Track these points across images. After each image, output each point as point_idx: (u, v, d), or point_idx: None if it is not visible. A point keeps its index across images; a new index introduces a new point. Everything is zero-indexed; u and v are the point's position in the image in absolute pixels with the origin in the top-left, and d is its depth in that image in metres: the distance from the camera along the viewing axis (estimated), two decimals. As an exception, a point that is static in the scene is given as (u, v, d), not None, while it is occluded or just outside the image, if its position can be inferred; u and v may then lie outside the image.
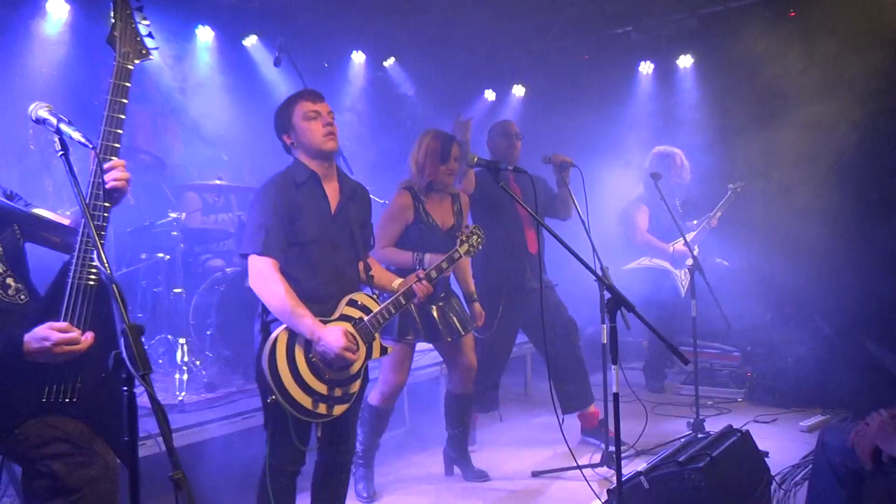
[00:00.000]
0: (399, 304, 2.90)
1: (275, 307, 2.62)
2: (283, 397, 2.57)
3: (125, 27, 2.16)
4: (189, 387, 3.97)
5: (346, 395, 2.74)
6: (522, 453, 4.31)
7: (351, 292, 2.81)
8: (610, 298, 2.55)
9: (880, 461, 2.40)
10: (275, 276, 2.62)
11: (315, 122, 2.75)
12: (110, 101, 2.10)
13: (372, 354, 2.82)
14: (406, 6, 5.90)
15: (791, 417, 4.75)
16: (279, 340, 2.62)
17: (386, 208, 3.69)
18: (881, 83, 5.24)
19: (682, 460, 2.94)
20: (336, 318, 2.73)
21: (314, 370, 2.65)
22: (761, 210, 5.55)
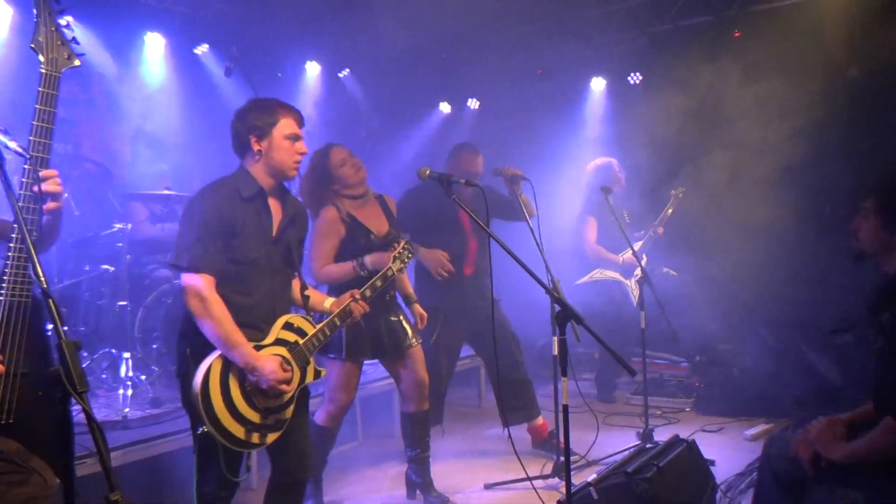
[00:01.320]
0: (334, 325, 2.84)
1: (210, 332, 2.51)
2: (215, 428, 2.47)
3: (49, 32, 2.08)
4: (133, 402, 3.87)
5: (279, 423, 2.66)
6: (475, 466, 4.31)
7: (285, 314, 2.74)
8: (559, 311, 2.58)
9: (821, 467, 2.48)
10: (213, 297, 2.51)
11: (293, 145, 2.68)
12: (38, 110, 2.02)
13: (306, 378, 2.74)
14: (361, 18, 5.90)
15: (737, 426, 4.87)
16: (213, 369, 2.51)
17: (315, 227, 3.53)
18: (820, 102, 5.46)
19: (630, 471, 2.98)
20: (271, 343, 2.65)
21: (247, 399, 2.57)
22: (707, 223, 5.70)
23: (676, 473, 3.08)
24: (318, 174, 3.56)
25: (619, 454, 4.04)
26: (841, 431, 2.48)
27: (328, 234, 3.50)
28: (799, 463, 2.53)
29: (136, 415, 3.81)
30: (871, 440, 2.34)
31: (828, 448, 2.44)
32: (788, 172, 5.38)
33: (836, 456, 2.41)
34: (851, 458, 2.38)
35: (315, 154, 3.58)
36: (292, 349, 2.69)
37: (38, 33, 2.07)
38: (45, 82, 2.05)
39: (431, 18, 5.95)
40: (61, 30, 2.10)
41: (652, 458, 3.12)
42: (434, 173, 3.05)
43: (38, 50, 2.06)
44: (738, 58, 6.02)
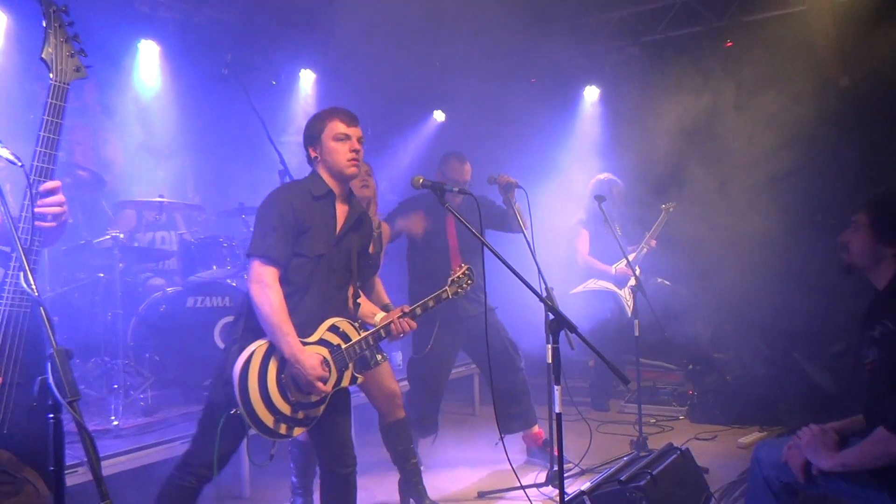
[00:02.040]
0: (380, 336, 2.89)
1: (264, 316, 2.59)
2: (246, 411, 2.54)
3: (59, 44, 2.11)
4: (125, 411, 3.85)
5: (308, 419, 2.71)
6: (469, 474, 4.31)
7: (336, 316, 2.79)
8: (552, 319, 2.58)
9: (811, 474, 2.49)
10: (274, 285, 2.62)
11: (343, 145, 2.78)
12: (46, 120, 2.04)
13: (342, 382, 2.78)
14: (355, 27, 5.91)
15: (730, 434, 4.88)
16: (256, 354, 2.59)
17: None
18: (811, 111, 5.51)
19: (623, 479, 2.99)
20: (315, 342, 2.70)
21: (282, 389, 2.63)
22: (700, 232, 5.72)
23: (670, 482, 3.09)
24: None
25: (612, 462, 4.04)
26: (832, 439, 2.49)
27: None
28: (789, 469, 2.54)
29: (128, 423, 3.79)
30: (862, 449, 2.35)
31: (818, 456, 2.45)
32: (780, 181, 5.42)
33: (827, 465, 2.42)
34: (841, 466, 2.39)
35: None
36: (333, 351, 2.74)
37: (48, 45, 2.09)
38: (54, 93, 2.07)
39: (425, 27, 5.98)
40: (71, 41, 2.13)
41: (645, 466, 3.12)
42: (427, 182, 3.05)
43: (47, 61, 2.09)
44: (730, 67, 6.07)
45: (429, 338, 4.26)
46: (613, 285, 5.53)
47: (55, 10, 2.12)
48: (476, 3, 5.58)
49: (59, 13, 2.13)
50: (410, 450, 3.75)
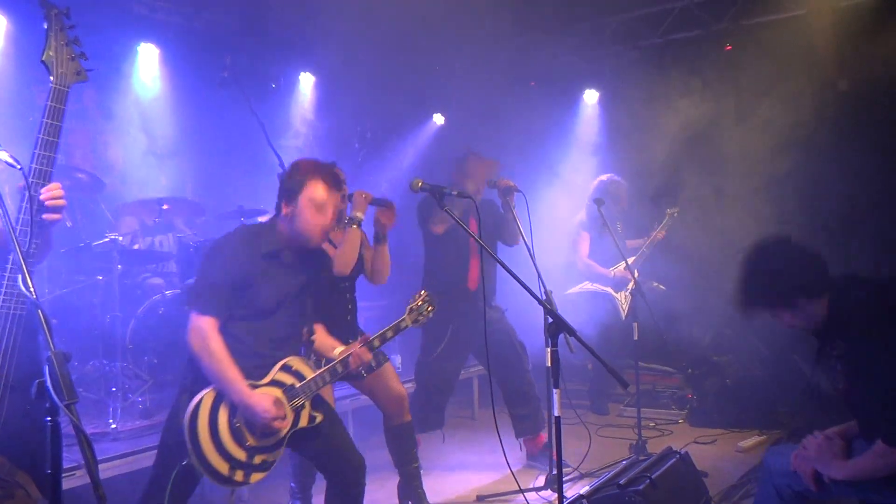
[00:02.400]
0: (336, 372, 2.82)
1: (206, 366, 2.57)
2: (198, 460, 2.50)
3: (60, 47, 2.11)
4: (123, 414, 3.85)
5: (266, 464, 2.66)
6: (468, 476, 4.30)
7: (288, 356, 2.75)
8: (551, 323, 2.58)
9: (823, 483, 2.49)
10: (212, 334, 2.58)
11: (320, 216, 2.70)
12: (45, 123, 2.04)
13: (299, 422, 2.73)
14: (355, 30, 5.91)
15: (730, 438, 4.86)
16: (203, 402, 2.56)
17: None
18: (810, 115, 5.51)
19: (622, 483, 2.97)
20: (266, 384, 2.66)
21: (236, 436, 2.59)
22: (699, 234, 5.72)
23: (669, 486, 3.08)
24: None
25: (612, 466, 4.03)
26: (839, 446, 2.49)
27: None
28: (799, 477, 2.54)
29: (126, 426, 3.79)
30: (867, 461, 2.36)
31: (829, 467, 2.46)
32: (778, 184, 5.42)
33: (839, 475, 2.43)
34: (854, 476, 2.40)
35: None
36: (287, 391, 2.69)
37: (49, 48, 2.09)
38: (54, 97, 2.07)
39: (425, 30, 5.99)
40: (72, 45, 2.13)
41: (644, 470, 3.11)
42: (426, 185, 3.05)
43: (48, 64, 2.09)
44: (729, 71, 6.08)
45: (441, 341, 4.26)
46: (610, 288, 5.54)
47: (56, 14, 2.12)
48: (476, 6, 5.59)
49: (60, 16, 2.13)
50: (413, 453, 3.74)
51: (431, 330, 4.35)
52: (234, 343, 2.63)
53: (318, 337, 2.97)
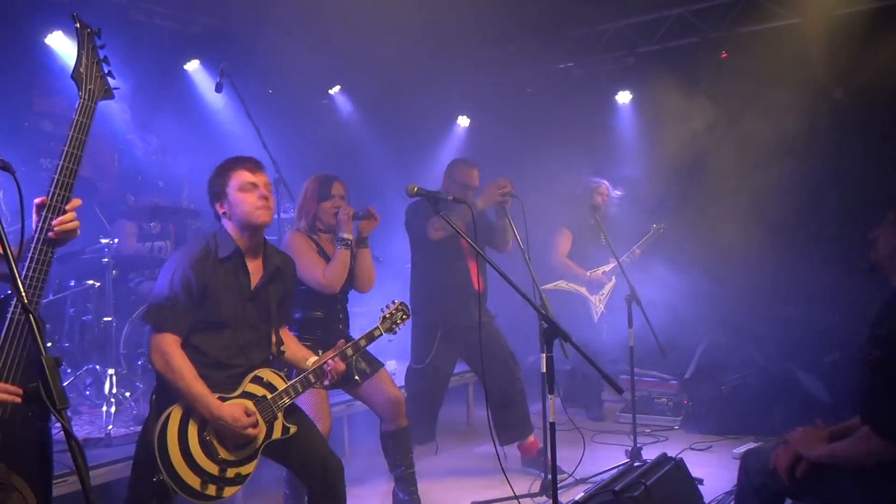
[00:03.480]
0: (308, 382, 2.80)
1: (172, 382, 2.57)
2: (169, 477, 2.49)
3: (90, 65, 2.18)
4: (117, 420, 3.84)
5: (240, 477, 2.65)
6: (462, 483, 4.28)
7: (258, 368, 2.75)
8: (546, 328, 2.58)
9: (796, 478, 2.49)
10: (174, 351, 2.58)
11: (251, 194, 2.71)
12: (72, 137, 2.11)
13: (272, 434, 2.72)
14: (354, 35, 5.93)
15: (725, 445, 4.86)
16: (172, 417, 2.56)
17: (293, 248, 3.45)
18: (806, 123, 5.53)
19: (617, 489, 2.97)
20: (237, 395, 2.66)
21: (206, 450, 2.58)
22: (695, 242, 5.74)
23: (664, 492, 3.08)
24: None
25: (607, 472, 4.03)
26: (822, 434, 2.52)
27: (308, 247, 3.51)
28: (777, 476, 2.54)
29: (120, 432, 3.77)
30: (849, 445, 2.37)
31: (808, 447, 2.47)
32: (773, 192, 5.44)
33: (815, 454, 2.43)
34: (830, 457, 2.41)
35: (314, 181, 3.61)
36: (258, 403, 2.69)
37: (80, 65, 2.16)
38: (81, 112, 2.14)
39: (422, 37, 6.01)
40: (101, 63, 2.20)
41: (639, 476, 3.11)
42: (422, 190, 3.06)
43: (77, 81, 2.16)
44: (725, 79, 6.10)
45: (430, 347, 4.25)
46: (585, 289, 5.57)
47: (89, 33, 2.21)
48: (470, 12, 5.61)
49: (92, 35, 2.21)
50: (409, 459, 3.73)
51: (422, 335, 4.35)
52: (199, 356, 2.63)
53: (289, 347, 2.96)
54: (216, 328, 2.68)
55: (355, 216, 3.49)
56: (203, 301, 2.64)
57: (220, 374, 2.66)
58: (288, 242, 3.52)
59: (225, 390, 2.65)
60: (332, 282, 3.41)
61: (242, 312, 2.72)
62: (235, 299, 2.71)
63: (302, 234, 3.55)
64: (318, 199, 3.55)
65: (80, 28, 2.17)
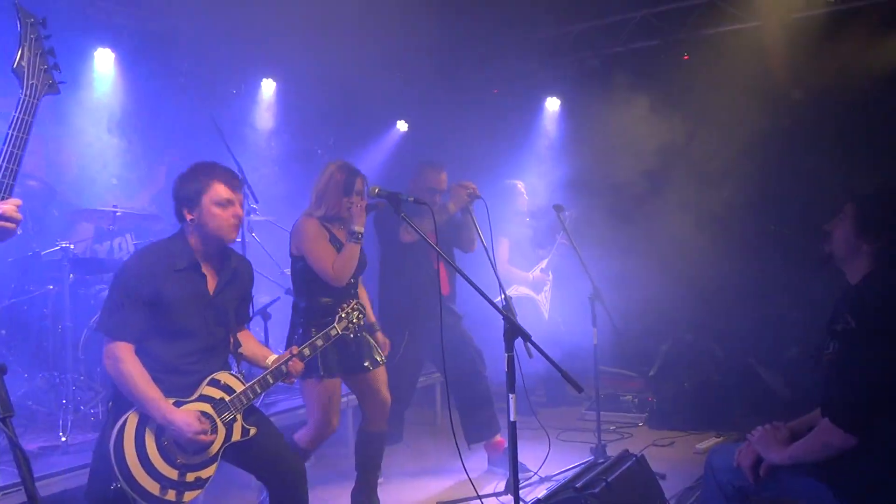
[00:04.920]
0: (266, 383, 2.78)
1: (125, 389, 2.54)
2: (127, 484, 2.46)
3: (33, 57, 2.03)
4: (75, 427, 3.76)
5: (200, 481, 2.62)
6: (429, 483, 4.29)
7: (215, 371, 2.72)
8: (507, 329, 2.60)
9: (760, 476, 2.53)
10: (127, 358, 2.54)
11: (226, 211, 2.67)
12: (12, 136, 1.97)
13: (232, 437, 2.70)
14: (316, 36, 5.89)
15: (688, 440, 4.94)
16: (128, 423, 2.53)
17: (305, 236, 3.42)
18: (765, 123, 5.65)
19: (579, 486, 3.00)
20: (195, 399, 2.64)
21: (165, 455, 2.55)
22: (657, 242, 5.82)
23: (625, 488, 3.11)
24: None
25: (571, 470, 4.06)
26: (782, 435, 2.55)
27: (320, 236, 3.42)
28: (741, 473, 2.59)
29: (77, 439, 3.70)
30: (807, 442, 2.41)
31: (768, 451, 2.51)
32: (734, 190, 5.54)
33: (776, 458, 2.47)
34: (790, 459, 2.44)
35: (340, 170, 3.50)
36: (216, 405, 2.67)
37: (22, 57, 2.01)
38: (23, 108, 1.99)
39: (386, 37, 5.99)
40: (46, 56, 2.05)
41: (601, 473, 3.14)
42: (383, 191, 3.05)
43: (19, 74, 2.01)
44: (687, 80, 6.20)
45: (398, 347, 4.25)
46: (530, 291, 5.68)
47: (32, 22, 2.04)
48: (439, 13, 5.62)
49: (36, 25, 2.05)
50: (378, 463, 3.74)
51: (390, 336, 4.34)
52: (154, 362, 2.60)
53: (247, 347, 2.93)
54: (174, 335, 2.64)
55: (368, 209, 3.41)
56: (158, 309, 2.60)
57: (176, 378, 2.63)
58: (300, 228, 3.43)
59: (182, 394, 2.62)
60: (341, 274, 3.34)
61: (201, 318, 2.70)
62: (193, 307, 2.68)
63: (316, 221, 3.45)
64: (342, 193, 3.45)
65: (22, 17, 2.03)
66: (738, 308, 5.83)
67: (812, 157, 5.77)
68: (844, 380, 2.38)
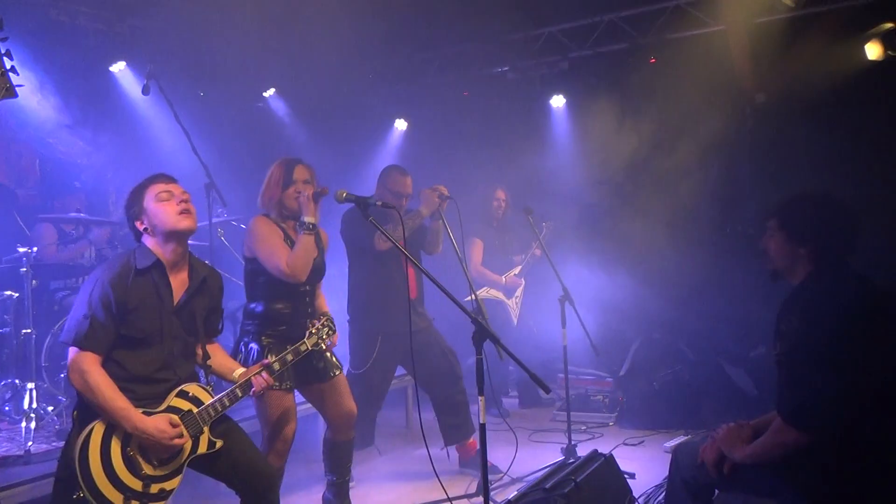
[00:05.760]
0: (235, 396, 2.76)
1: (92, 400, 2.51)
2: (91, 493, 2.43)
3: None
4: (38, 435, 3.69)
5: (164, 493, 2.60)
6: (400, 486, 4.28)
7: (184, 382, 2.71)
8: (475, 331, 2.61)
9: (724, 473, 2.58)
10: (92, 368, 2.51)
11: (168, 203, 2.67)
12: None
13: (198, 449, 2.67)
14: (287, 37, 5.86)
15: (657, 439, 5.00)
16: (94, 433, 2.50)
17: (256, 234, 3.29)
18: (730, 126, 5.75)
19: (548, 487, 3.03)
20: (162, 410, 2.62)
21: (130, 465, 2.53)
22: (626, 243, 5.89)
23: (594, 488, 3.15)
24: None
25: (541, 470, 4.08)
26: (745, 433, 2.59)
27: (272, 234, 3.31)
28: (706, 470, 2.63)
29: (41, 448, 3.63)
30: (765, 441, 2.46)
31: (731, 449, 2.56)
32: (697, 192, 5.63)
33: (738, 456, 2.52)
34: (751, 457, 2.49)
35: (278, 165, 3.42)
36: (184, 417, 2.64)
37: None
38: None
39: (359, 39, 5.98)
40: (2, 58, 2.01)
41: (570, 473, 3.17)
42: (350, 196, 3.04)
43: None
44: (654, 82, 6.28)
45: (370, 353, 4.24)
46: (502, 295, 5.73)
47: None
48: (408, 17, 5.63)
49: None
50: (348, 468, 3.71)
51: (361, 342, 4.34)
52: (122, 371, 2.58)
53: (215, 359, 2.91)
54: (139, 344, 2.62)
55: (315, 197, 3.26)
56: (124, 318, 2.58)
57: (143, 388, 2.61)
58: (251, 227, 3.33)
59: (149, 405, 2.60)
60: (296, 270, 3.21)
61: (166, 327, 2.67)
62: (158, 315, 2.65)
63: (267, 219, 3.35)
64: (282, 186, 3.36)
65: None
66: (706, 307, 5.91)
67: (776, 159, 5.89)
68: (793, 379, 2.43)
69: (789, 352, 2.43)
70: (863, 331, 2.36)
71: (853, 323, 2.36)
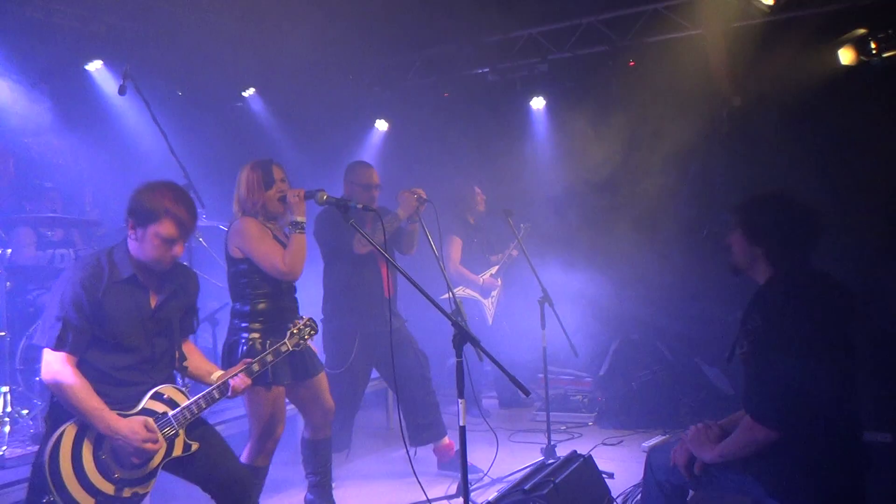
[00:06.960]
0: (212, 398, 2.75)
1: (66, 401, 2.49)
2: (61, 497, 2.41)
3: None
4: (13, 439, 3.65)
5: (137, 497, 2.58)
6: (380, 488, 4.29)
7: (159, 384, 2.69)
8: (455, 334, 2.63)
9: (695, 473, 2.62)
10: (65, 370, 2.49)
11: (165, 249, 2.62)
12: None
13: (173, 451, 2.66)
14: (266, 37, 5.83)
15: (636, 439, 5.05)
16: (65, 435, 2.48)
17: (248, 235, 3.29)
18: (707, 128, 5.81)
19: (527, 488, 3.05)
20: (137, 412, 2.60)
21: (102, 469, 2.51)
22: (603, 243, 5.93)
23: (573, 488, 3.18)
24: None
25: (521, 471, 4.11)
26: (714, 433, 2.65)
27: (263, 234, 3.32)
28: (679, 472, 2.67)
29: (16, 453, 3.58)
30: (734, 439, 2.51)
31: (700, 449, 2.60)
32: (673, 195, 5.69)
33: (707, 456, 2.57)
34: (720, 457, 2.54)
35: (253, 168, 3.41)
36: (159, 419, 2.63)
37: None
38: None
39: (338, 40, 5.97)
40: None
41: (549, 474, 3.20)
42: (331, 198, 3.06)
43: None
44: (633, 85, 6.34)
45: (348, 353, 4.24)
46: (479, 294, 5.77)
47: None
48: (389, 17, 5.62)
49: None
50: (328, 468, 3.71)
51: (339, 342, 4.34)
52: (96, 373, 2.56)
53: (192, 361, 2.90)
54: (114, 347, 2.60)
55: (306, 196, 3.26)
56: (98, 320, 2.56)
57: (118, 391, 2.59)
58: (241, 229, 3.31)
59: (124, 407, 2.58)
60: (293, 268, 3.23)
61: (142, 331, 2.65)
62: (134, 319, 2.64)
63: (255, 220, 3.35)
64: (264, 188, 3.36)
65: None
66: (685, 308, 5.98)
67: (752, 162, 5.96)
68: (758, 377, 2.49)
69: (754, 350, 2.48)
70: (822, 329, 2.42)
71: (812, 322, 2.42)
